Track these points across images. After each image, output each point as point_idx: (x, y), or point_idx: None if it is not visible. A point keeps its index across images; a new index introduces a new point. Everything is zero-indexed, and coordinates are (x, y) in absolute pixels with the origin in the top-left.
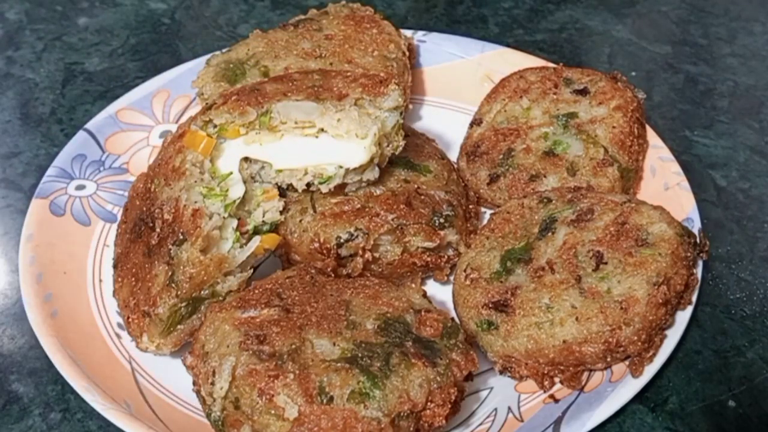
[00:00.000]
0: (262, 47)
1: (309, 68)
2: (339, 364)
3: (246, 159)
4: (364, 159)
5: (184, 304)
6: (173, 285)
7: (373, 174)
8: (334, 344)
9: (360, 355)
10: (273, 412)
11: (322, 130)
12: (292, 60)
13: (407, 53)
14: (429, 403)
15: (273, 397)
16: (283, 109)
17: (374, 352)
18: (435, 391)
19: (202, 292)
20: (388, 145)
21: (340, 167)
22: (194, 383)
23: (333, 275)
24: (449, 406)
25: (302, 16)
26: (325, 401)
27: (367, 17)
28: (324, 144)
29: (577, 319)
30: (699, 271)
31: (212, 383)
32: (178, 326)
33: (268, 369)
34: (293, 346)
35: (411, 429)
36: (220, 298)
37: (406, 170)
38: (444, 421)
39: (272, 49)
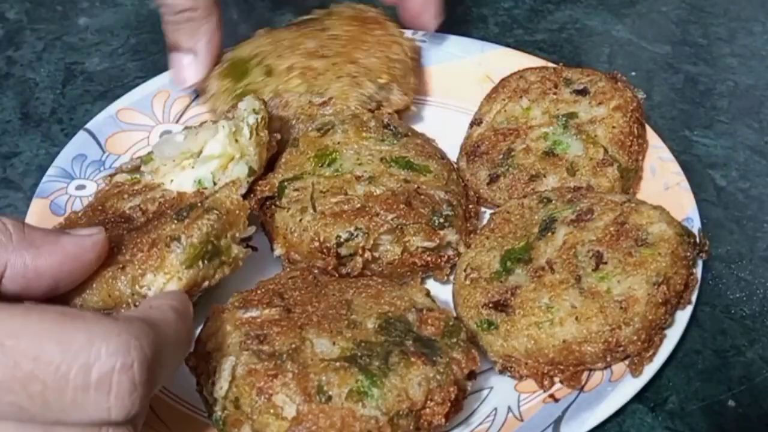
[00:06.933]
0: (266, 46)
1: (313, 66)
2: (338, 364)
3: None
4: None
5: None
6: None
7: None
8: (334, 344)
9: (359, 354)
10: (272, 411)
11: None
12: (296, 59)
13: (413, 55)
14: (428, 402)
15: (272, 396)
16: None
17: (373, 351)
18: (434, 390)
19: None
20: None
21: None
22: (197, 383)
23: (336, 274)
24: (449, 404)
25: (307, 16)
26: (323, 400)
27: (372, 18)
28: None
29: (576, 318)
30: (699, 270)
31: (213, 383)
32: (200, 262)
33: (268, 368)
34: (293, 346)
35: (411, 428)
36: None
37: (406, 170)
38: (443, 420)
39: (276, 48)
